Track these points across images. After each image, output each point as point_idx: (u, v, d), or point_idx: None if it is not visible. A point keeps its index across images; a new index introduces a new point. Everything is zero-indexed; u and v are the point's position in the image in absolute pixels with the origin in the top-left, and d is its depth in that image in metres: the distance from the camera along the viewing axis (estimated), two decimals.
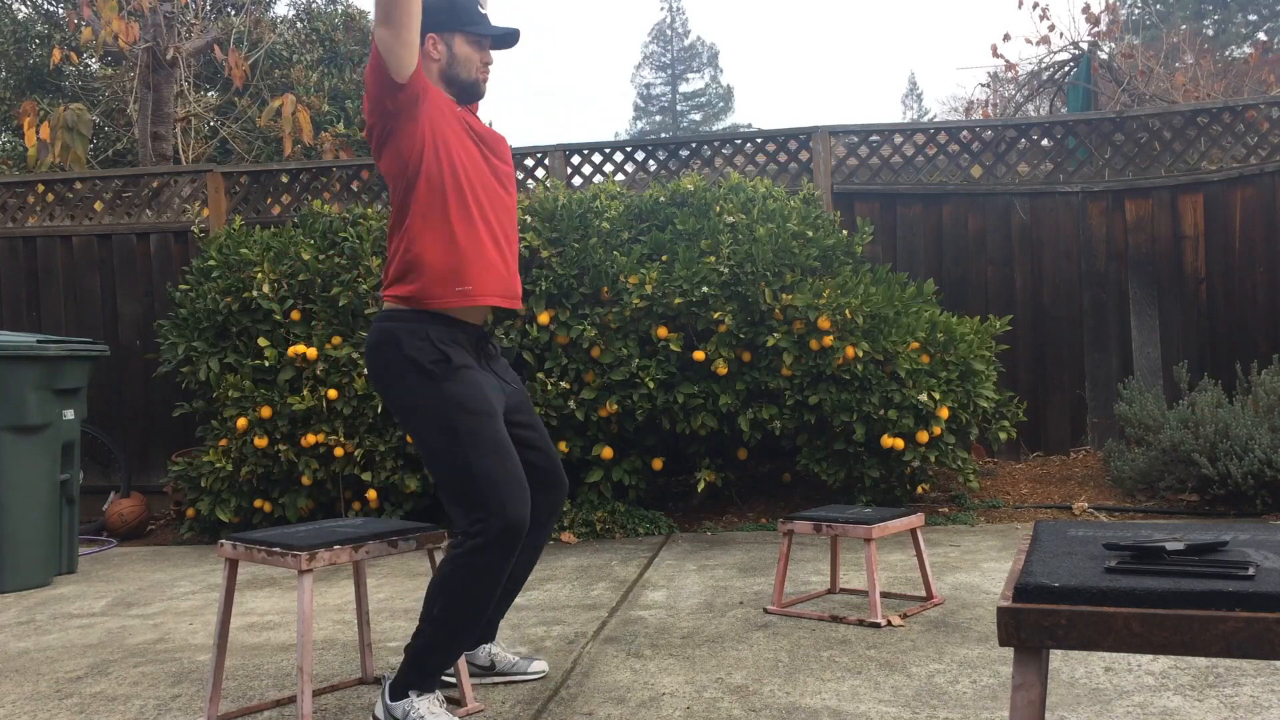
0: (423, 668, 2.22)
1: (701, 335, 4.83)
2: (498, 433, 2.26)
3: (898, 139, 6.00)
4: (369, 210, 5.37)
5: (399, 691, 2.23)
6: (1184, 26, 13.12)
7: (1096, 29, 9.26)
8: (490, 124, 3.49)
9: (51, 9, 11.91)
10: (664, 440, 5.04)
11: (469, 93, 2.45)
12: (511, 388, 2.47)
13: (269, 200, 6.23)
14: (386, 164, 2.34)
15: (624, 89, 79.43)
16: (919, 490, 4.95)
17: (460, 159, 2.34)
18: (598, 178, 6.10)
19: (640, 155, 6.19)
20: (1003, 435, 4.94)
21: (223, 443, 5.00)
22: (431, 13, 2.37)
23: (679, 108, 44.08)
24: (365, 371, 2.39)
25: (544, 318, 4.76)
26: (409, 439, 2.33)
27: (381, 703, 2.25)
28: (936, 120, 13.11)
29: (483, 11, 2.45)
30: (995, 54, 9.57)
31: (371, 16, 2.14)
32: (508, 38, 2.48)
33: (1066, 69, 9.05)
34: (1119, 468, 5.06)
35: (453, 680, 2.52)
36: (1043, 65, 9.28)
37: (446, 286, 2.29)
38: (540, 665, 2.64)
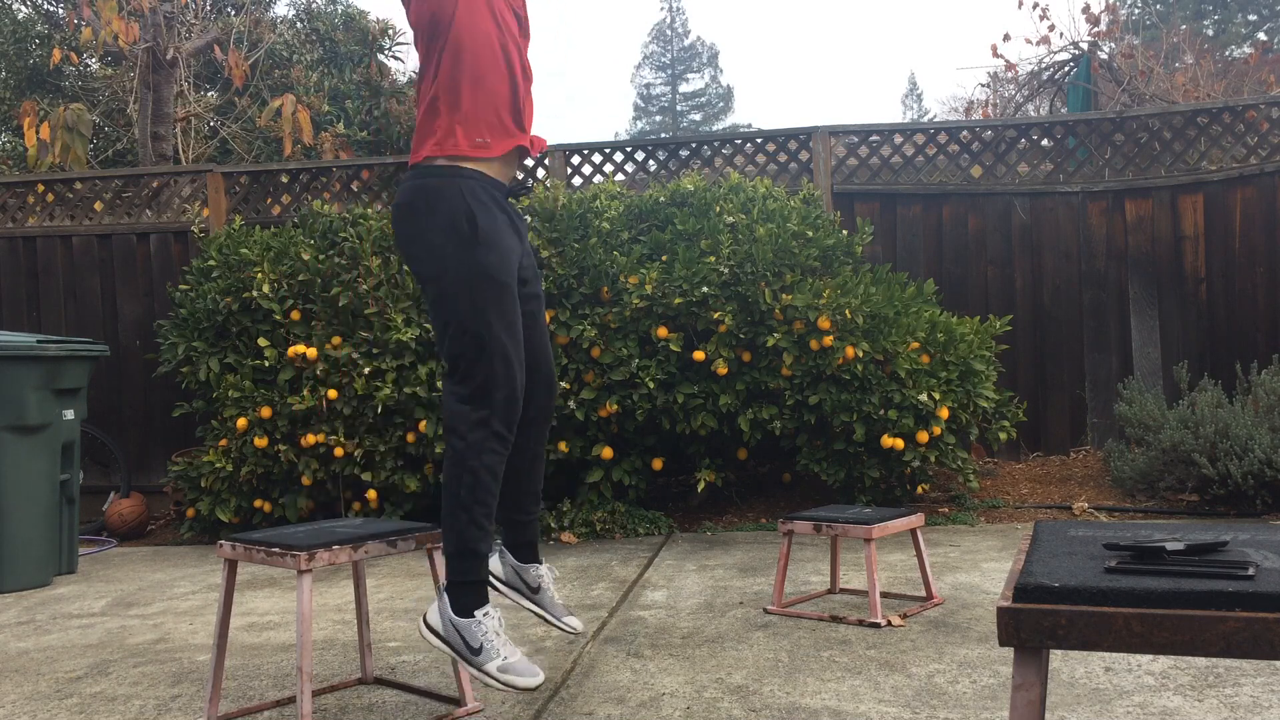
0: (460, 562, 2.19)
1: (701, 335, 4.83)
2: (513, 309, 2.27)
3: (898, 139, 6.00)
4: (369, 210, 5.37)
5: (462, 604, 2.18)
6: (1184, 26, 13.12)
7: (1096, 29, 9.27)
8: None
9: (51, 9, 11.92)
10: (664, 440, 5.04)
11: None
12: (528, 256, 2.46)
13: (269, 200, 6.23)
14: (414, 14, 2.35)
15: (624, 89, 79.42)
16: (919, 490, 4.95)
17: (485, 6, 2.33)
18: (598, 178, 6.10)
19: (640, 155, 6.19)
20: (1003, 435, 4.94)
21: (223, 443, 5.00)
22: None
23: (679, 108, 44.09)
24: (398, 247, 2.38)
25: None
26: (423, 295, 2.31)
27: (438, 612, 2.21)
28: (936, 120, 13.11)
29: None
30: (995, 54, 9.57)
31: None
32: None
33: (1066, 69, 9.05)
34: (1119, 468, 5.06)
35: (503, 590, 2.48)
36: (1043, 65, 9.28)
37: (474, 138, 2.29)
38: (575, 622, 2.50)
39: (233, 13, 11.15)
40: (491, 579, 2.44)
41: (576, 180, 6.11)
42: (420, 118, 2.35)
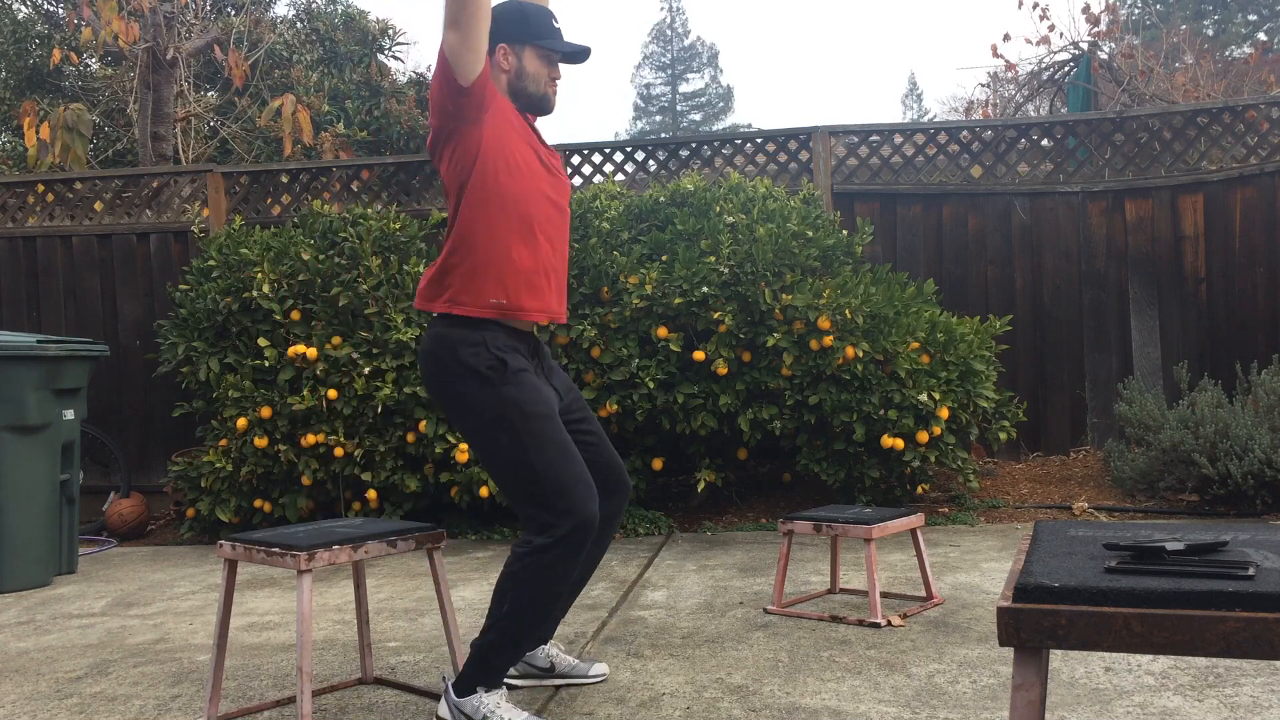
0: (490, 664, 2.22)
1: (701, 335, 4.83)
2: (559, 433, 2.26)
3: (898, 139, 6.00)
4: (369, 210, 5.37)
5: (466, 689, 2.22)
6: (1184, 26, 13.12)
7: (1096, 29, 9.26)
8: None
9: (51, 9, 11.91)
10: (664, 440, 5.04)
11: (536, 106, 2.43)
12: (566, 392, 2.47)
13: (269, 200, 6.23)
14: (445, 168, 2.33)
15: (624, 89, 79.42)
16: (919, 490, 4.95)
17: (518, 170, 2.31)
18: (598, 178, 6.10)
19: (640, 155, 6.19)
20: (1003, 435, 4.94)
21: (223, 443, 5.00)
22: (504, 23, 2.36)
23: (679, 108, 44.08)
24: (421, 380, 2.39)
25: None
26: (466, 444, 2.32)
27: (446, 702, 2.25)
28: (936, 120, 13.12)
29: (555, 26, 2.43)
30: (995, 54, 9.57)
31: (441, 17, 2.16)
32: (579, 55, 2.46)
33: (1066, 69, 9.05)
34: (1119, 468, 5.06)
35: (516, 680, 2.55)
36: (1043, 65, 9.28)
37: (489, 298, 2.28)
38: (602, 668, 2.61)
39: (233, 13, 11.15)
40: (508, 681, 2.51)
41: (576, 180, 6.11)
42: (441, 261, 2.34)
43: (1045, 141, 6.07)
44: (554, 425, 2.26)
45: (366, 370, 4.82)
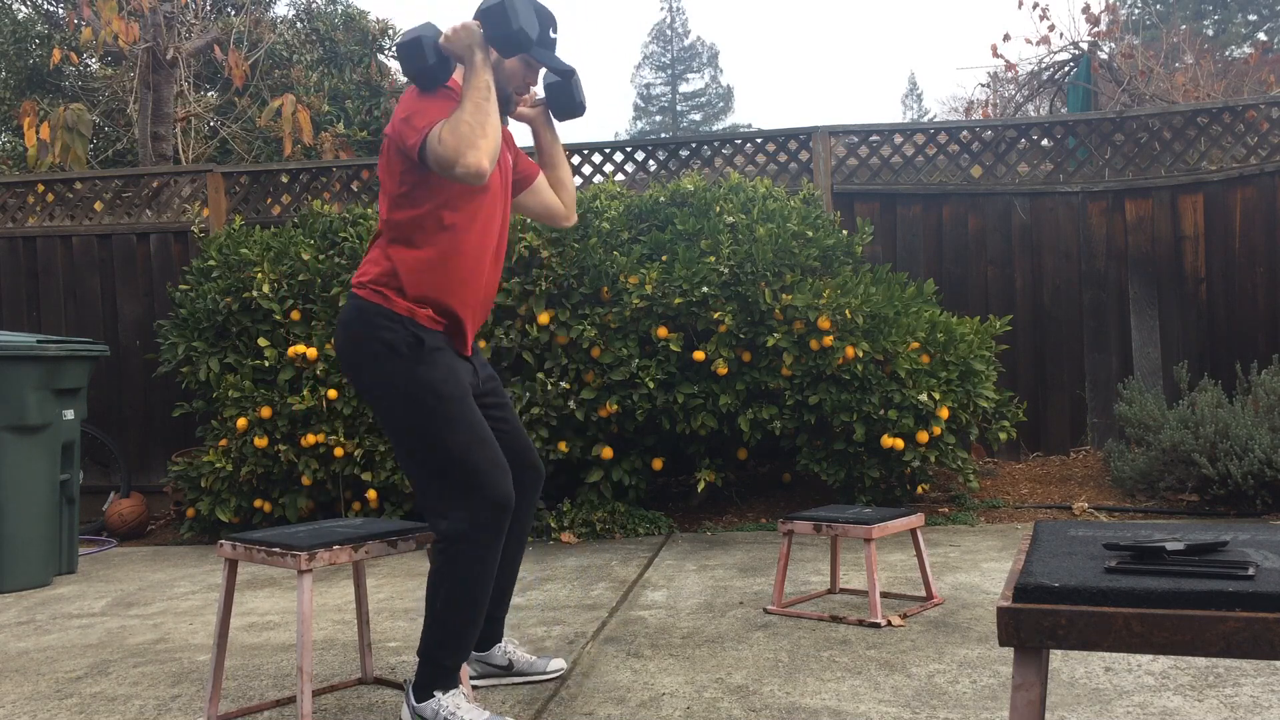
0: (439, 664, 2.21)
1: (701, 335, 4.83)
2: (473, 414, 2.24)
3: (898, 139, 6.00)
4: (369, 210, 5.37)
5: (423, 693, 2.21)
6: (1184, 26, 13.12)
7: (1096, 29, 9.26)
8: None
9: (51, 9, 11.91)
10: (664, 440, 5.04)
11: (501, 105, 2.39)
12: (485, 378, 2.45)
13: (269, 200, 6.23)
14: (392, 178, 2.29)
15: (624, 89, 79.43)
16: (919, 490, 4.95)
17: (468, 215, 2.30)
18: (598, 178, 6.10)
19: (640, 155, 6.19)
20: (1003, 435, 4.94)
21: (223, 443, 5.00)
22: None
23: (679, 108, 44.08)
24: (335, 350, 2.36)
25: (544, 318, 4.76)
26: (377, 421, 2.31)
27: (407, 707, 2.23)
28: (936, 120, 13.12)
29: (552, 37, 2.39)
30: (995, 54, 9.57)
31: (458, 131, 2.10)
32: (563, 73, 2.42)
33: (1066, 69, 9.05)
34: (1119, 468, 5.06)
35: (475, 679, 2.55)
36: (1043, 65, 9.28)
37: (419, 308, 2.27)
38: (559, 663, 2.63)
39: (233, 13, 11.15)
40: (473, 683, 2.51)
41: (576, 180, 6.11)
42: (375, 265, 2.30)
43: (1045, 141, 6.08)
44: (468, 407, 2.24)
45: None
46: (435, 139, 2.13)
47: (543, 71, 2.49)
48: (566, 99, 2.46)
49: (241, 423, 4.90)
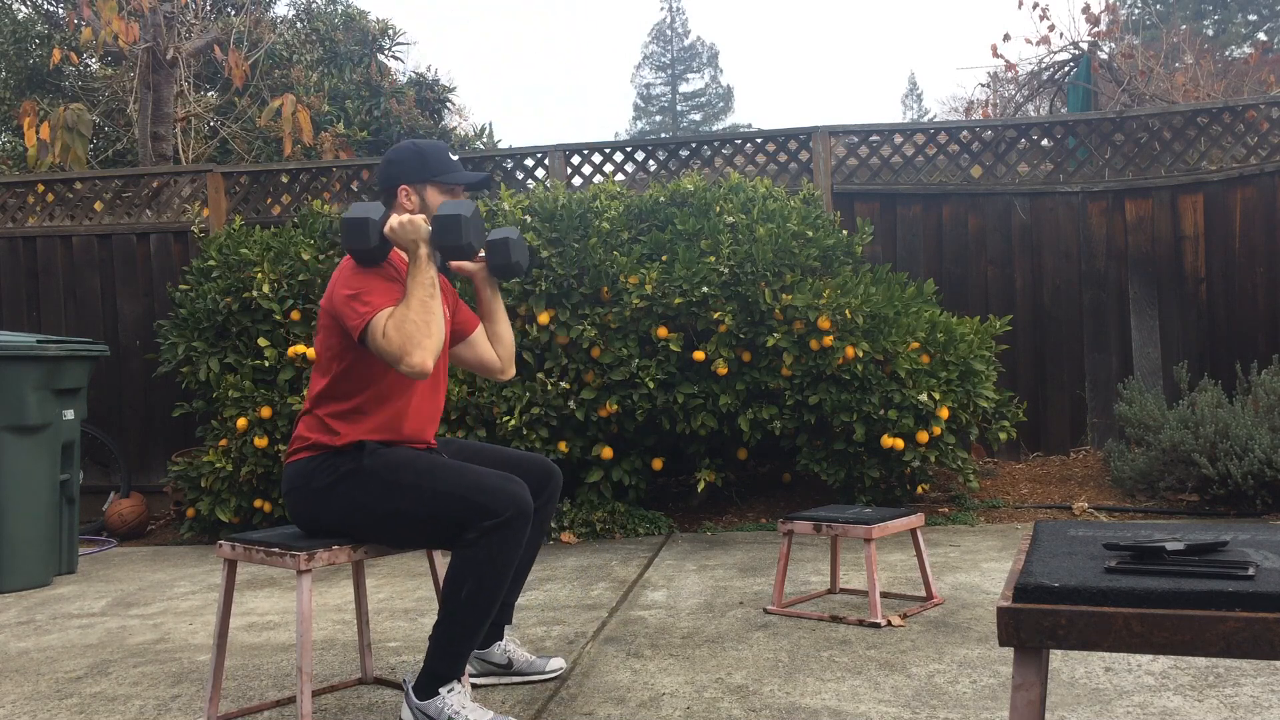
0: (445, 658, 2.21)
1: (701, 335, 4.83)
2: (445, 460, 2.30)
3: (898, 139, 6.00)
4: None
5: (427, 689, 2.21)
6: (1184, 26, 13.12)
7: (1096, 29, 9.27)
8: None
9: (51, 9, 11.91)
10: (664, 440, 5.04)
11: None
12: (455, 449, 2.52)
13: (269, 200, 6.23)
14: (329, 353, 2.35)
15: (624, 89, 79.45)
16: (919, 490, 4.95)
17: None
18: (598, 178, 6.10)
19: (640, 155, 6.19)
20: (1003, 435, 4.94)
21: (223, 443, 5.00)
22: (402, 166, 2.43)
23: (679, 108, 44.08)
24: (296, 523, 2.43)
25: (544, 318, 4.76)
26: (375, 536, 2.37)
27: (408, 705, 2.23)
28: (936, 120, 13.11)
29: (453, 159, 2.49)
30: (995, 54, 9.57)
31: (395, 347, 2.19)
32: (479, 184, 2.53)
33: (1066, 69, 9.05)
34: (1119, 468, 5.06)
35: (475, 677, 2.54)
36: (1043, 65, 9.28)
37: (360, 446, 2.32)
38: (558, 663, 2.64)
39: (233, 13, 11.14)
40: (472, 680, 2.52)
41: (576, 180, 6.11)
42: (308, 410, 2.37)
43: (1045, 141, 6.08)
44: (438, 460, 2.29)
45: None
46: (379, 332, 2.20)
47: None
48: (504, 259, 2.51)
49: (241, 423, 4.90)
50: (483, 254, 2.54)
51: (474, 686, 2.56)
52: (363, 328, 2.22)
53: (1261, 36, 20.13)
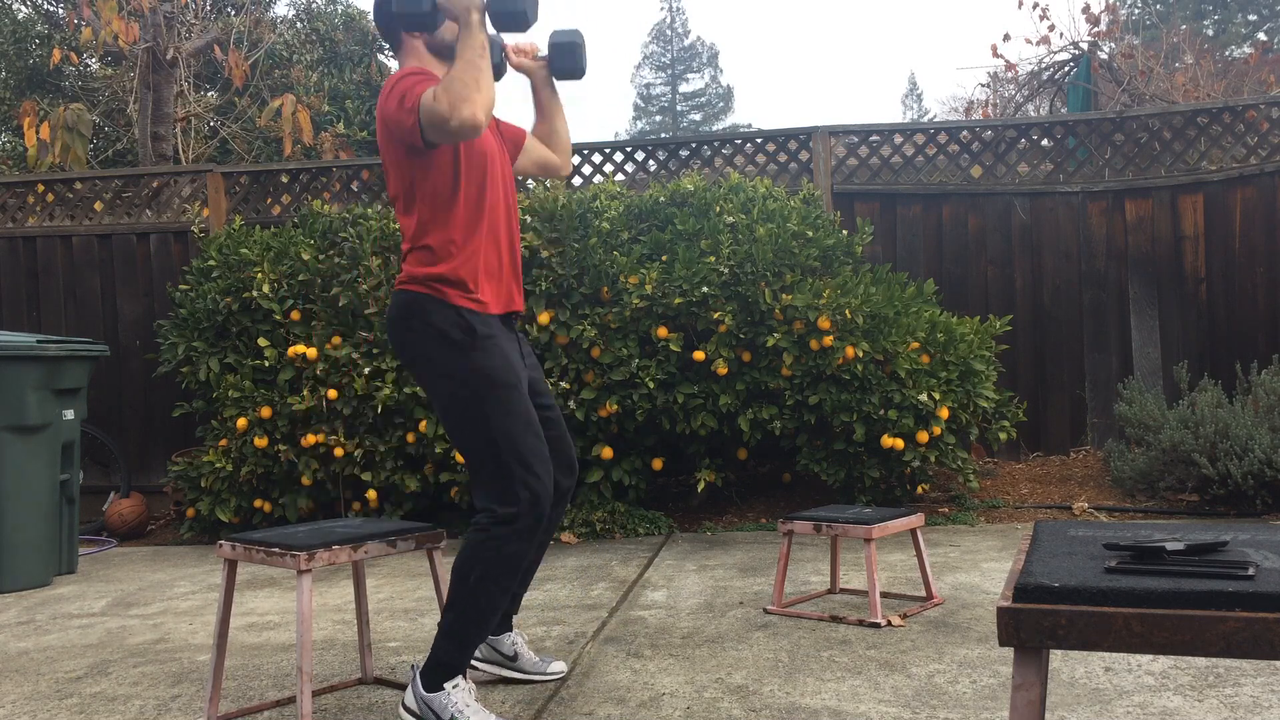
0: (451, 646, 2.21)
1: (701, 335, 4.83)
2: (524, 404, 2.26)
3: (898, 139, 6.00)
4: (369, 210, 5.37)
5: (433, 680, 2.20)
6: (1184, 26, 13.12)
7: (1096, 29, 9.27)
8: None
9: (51, 9, 11.91)
10: (664, 440, 5.04)
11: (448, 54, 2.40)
12: (532, 368, 2.47)
13: (269, 200, 6.23)
14: (392, 162, 2.30)
15: (624, 89, 79.41)
16: (919, 490, 4.95)
17: (471, 167, 2.31)
18: (598, 178, 6.10)
19: (640, 155, 6.19)
20: (1003, 435, 4.94)
21: (223, 443, 5.00)
22: None
23: (679, 108, 44.08)
24: (390, 344, 2.39)
25: (544, 318, 4.76)
26: (433, 408, 2.35)
27: (413, 693, 2.22)
28: (936, 120, 13.12)
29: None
30: (995, 54, 9.57)
31: (451, 90, 2.10)
32: (513, 17, 2.41)
33: (1066, 69, 9.05)
34: (1119, 468, 5.06)
35: (481, 663, 2.54)
36: (1043, 65, 9.28)
37: (456, 289, 2.28)
38: (559, 666, 2.63)
39: (233, 13, 11.15)
40: (473, 663, 2.51)
41: (576, 180, 6.11)
42: (405, 251, 2.34)
43: (1045, 141, 6.07)
44: (520, 396, 2.26)
45: (366, 370, 4.82)
46: (429, 102, 2.14)
47: (549, 30, 2.53)
48: (568, 63, 2.49)
49: (241, 423, 4.90)
50: (543, 54, 2.51)
51: (476, 673, 2.55)
52: (416, 113, 2.15)
53: (1261, 36, 20.13)
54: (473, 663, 2.51)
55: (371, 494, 4.88)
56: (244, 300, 5.09)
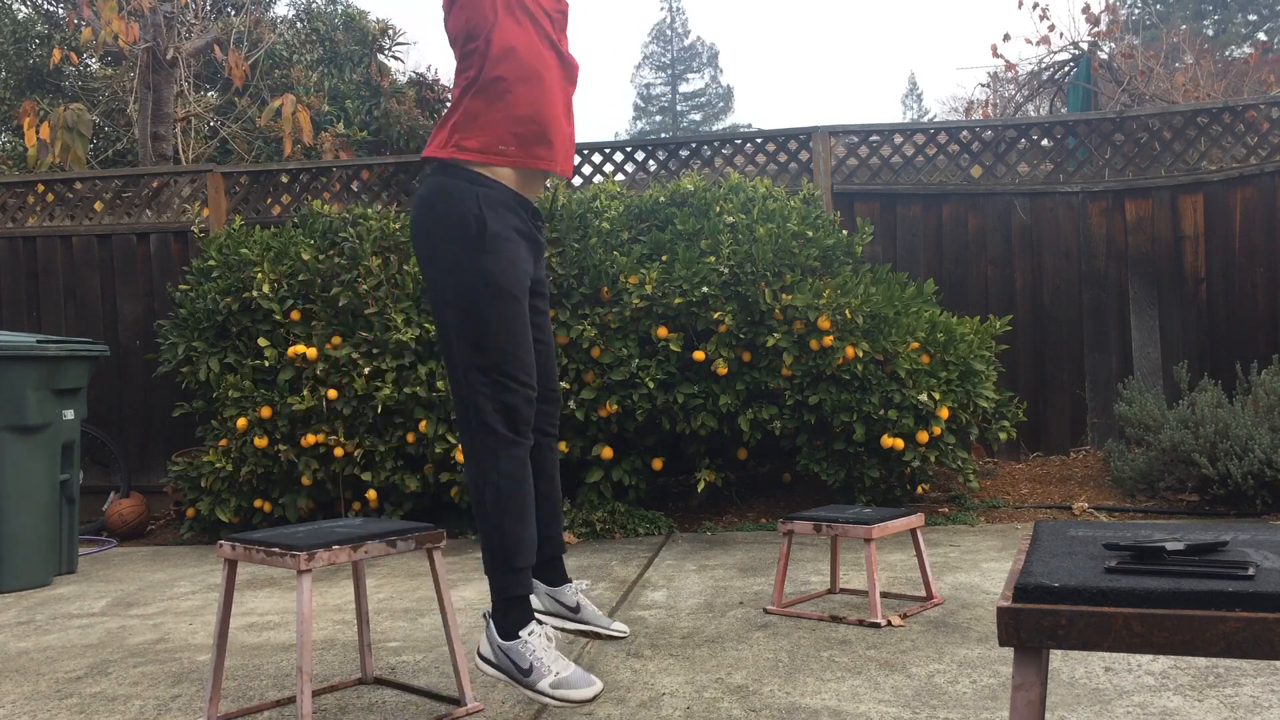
0: (502, 574, 2.18)
1: (701, 335, 4.83)
2: (522, 317, 2.24)
3: (898, 139, 6.00)
4: (369, 210, 5.38)
5: (506, 625, 2.17)
6: (1184, 26, 13.12)
7: (1096, 29, 9.27)
8: None
9: (51, 9, 11.91)
10: (664, 440, 5.04)
11: None
12: (538, 281, 2.44)
13: (269, 200, 6.23)
14: (451, 19, 2.32)
15: (624, 89, 79.44)
16: (919, 490, 4.95)
17: (526, 18, 2.31)
18: (598, 178, 6.10)
19: (640, 155, 6.19)
20: (1003, 435, 4.94)
21: (223, 443, 5.00)
22: None
23: (679, 108, 44.09)
24: (412, 242, 2.38)
25: None
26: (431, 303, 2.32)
27: (489, 642, 2.20)
28: (936, 120, 13.12)
29: None
30: (995, 54, 9.58)
31: None
32: None
33: (1066, 69, 9.05)
34: (1119, 468, 5.06)
35: (543, 614, 2.47)
36: (1043, 65, 9.28)
37: (498, 144, 2.26)
38: (621, 626, 2.53)
39: (233, 13, 11.15)
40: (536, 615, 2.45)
41: (576, 180, 6.11)
42: (447, 113, 2.33)
43: (1045, 141, 6.07)
44: (519, 307, 2.24)
45: (366, 370, 4.82)
46: None
47: None
48: None
49: (241, 423, 4.90)
50: None
51: (550, 626, 2.51)
52: None
53: (1261, 36, 20.13)
54: (537, 617, 2.48)
55: (371, 494, 4.88)
56: (244, 300, 5.09)
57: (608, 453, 4.79)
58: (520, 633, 2.17)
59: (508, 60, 2.27)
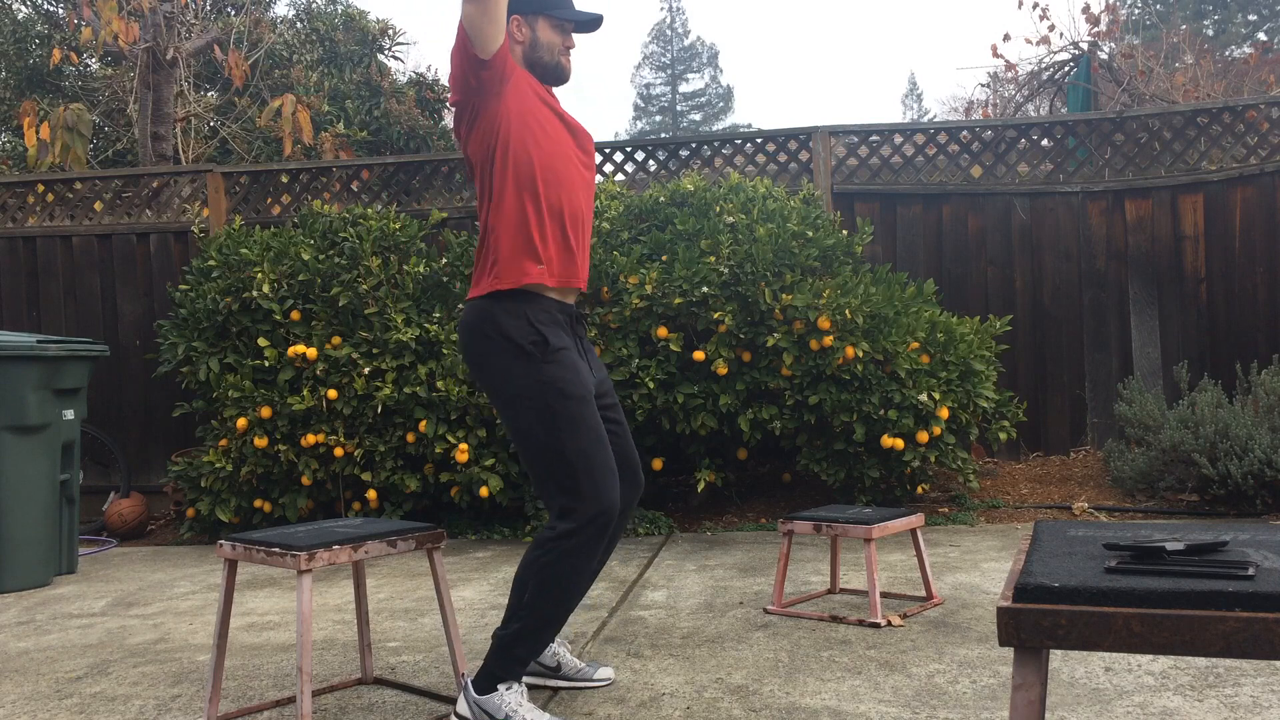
0: (513, 655, 2.20)
1: (701, 335, 4.83)
2: (593, 417, 2.25)
3: (898, 139, 6.00)
4: (369, 210, 5.37)
5: (486, 684, 2.20)
6: (1184, 26, 13.12)
7: (1096, 29, 9.27)
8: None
9: (51, 9, 11.91)
10: (664, 440, 5.04)
11: (551, 76, 2.44)
12: (599, 374, 2.46)
13: (269, 200, 6.23)
14: (473, 147, 2.34)
15: (624, 89, 79.47)
16: (919, 490, 4.95)
17: (545, 136, 2.33)
18: (597, 178, 6.10)
19: (640, 155, 6.19)
20: (1003, 435, 4.94)
21: (223, 443, 5.00)
22: None
23: (679, 108, 44.08)
24: (461, 354, 2.40)
25: None
26: (499, 419, 2.35)
27: (466, 700, 2.22)
28: (936, 120, 13.12)
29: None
30: (995, 54, 9.58)
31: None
32: (592, 23, 2.47)
33: (1066, 69, 9.05)
34: (1119, 468, 5.06)
35: (535, 672, 2.53)
36: (1043, 65, 9.28)
37: (530, 268, 2.28)
38: (607, 672, 2.58)
39: (233, 13, 11.14)
40: None
41: None
42: (480, 243, 2.35)
43: (1045, 141, 6.07)
44: (589, 409, 2.25)
45: (366, 370, 4.82)
46: (461, 10, 2.23)
47: None
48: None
49: (241, 423, 4.90)
50: None
51: (538, 685, 2.54)
52: (461, 34, 2.24)
53: (1261, 36, 20.13)
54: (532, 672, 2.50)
55: (371, 494, 4.88)
56: (244, 300, 5.09)
57: None
58: (498, 686, 2.20)
59: (528, 186, 2.30)
